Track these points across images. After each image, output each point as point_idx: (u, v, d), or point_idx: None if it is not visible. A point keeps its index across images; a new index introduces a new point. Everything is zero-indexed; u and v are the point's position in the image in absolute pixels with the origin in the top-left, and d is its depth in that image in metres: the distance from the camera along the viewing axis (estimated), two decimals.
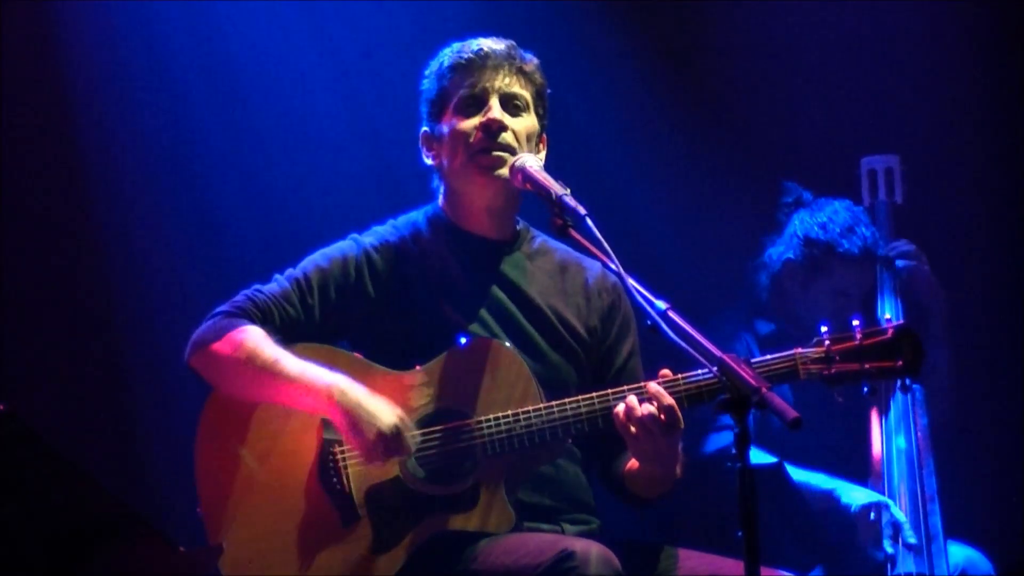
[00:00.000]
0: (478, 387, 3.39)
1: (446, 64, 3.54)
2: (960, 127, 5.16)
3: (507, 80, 3.51)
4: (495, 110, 3.48)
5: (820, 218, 4.71)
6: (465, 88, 3.50)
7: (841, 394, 3.32)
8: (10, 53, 4.55)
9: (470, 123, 3.49)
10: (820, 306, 4.69)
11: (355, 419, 3.30)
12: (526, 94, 3.53)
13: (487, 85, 3.50)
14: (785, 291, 4.77)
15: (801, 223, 4.73)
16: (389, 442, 3.29)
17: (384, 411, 3.31)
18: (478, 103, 3.50)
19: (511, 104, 3.51)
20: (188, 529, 3.48)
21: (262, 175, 4.83)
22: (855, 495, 4.47)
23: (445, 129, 3.53)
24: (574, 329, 3.55)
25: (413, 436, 3.33)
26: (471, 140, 3.48)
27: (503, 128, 3.47)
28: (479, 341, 3.44)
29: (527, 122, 3.52)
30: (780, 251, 4.78)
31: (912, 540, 4.39)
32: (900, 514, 4.43)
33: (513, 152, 3.46)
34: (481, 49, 3.52)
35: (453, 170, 3.53)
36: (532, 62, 3.56)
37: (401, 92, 3.69)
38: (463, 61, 3.51)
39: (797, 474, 4.52)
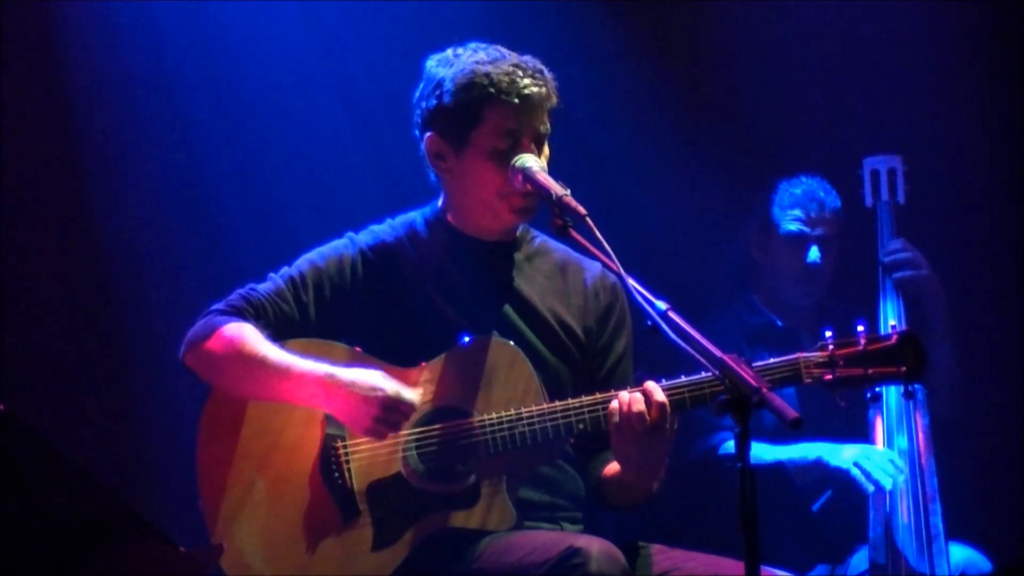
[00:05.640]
0: (480, 385, 3.39)
1: (484, 94, 3.39)
2: (962, 127, 5.16)
3: (541, 120, 3.43)
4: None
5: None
6: (505, 129, 3.38)
7: (844, 399, 3.32)
8: (10, 53, 4.55)
9: (506, 165, 3.38)
10: (781, 260, 4.78)
11: (352, 398, 3.29)
12: (550, 126, 3.47)
13: (526, 128, 3.40)
14: (755, 264, 4.87)
15: None
16: (392, 410, 3.28)
17: (379, 380, 3.29)
18: (514, 142, 3.40)
19: (540, 141, 3.44)
20: (188, 529, 3.47)
21: (261, 174, 4.82)
22: (842, 456, 4.48)
23: (472, 161, 3.43)
24: (572, 330, 3.54)
25: (413, 398, 3.30)
26: (507, 183, 3.39)
27: None
28: (482, 339, 3.43)
29: (546, 152, 3.47)
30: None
31: (902, 475, 4.40)
32: (887, 454, 4.44)
33: None
34: (526, 93, 3.38)
35: (479, 201, 3.47)
36: (554, 87, 3.47)
37: (400, 92, 3.67)
38: (506, 101, 3.38)
39: (780, 452, 4.51)
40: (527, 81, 3.41)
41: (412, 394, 3.31)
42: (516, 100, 3.39)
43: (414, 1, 4.83)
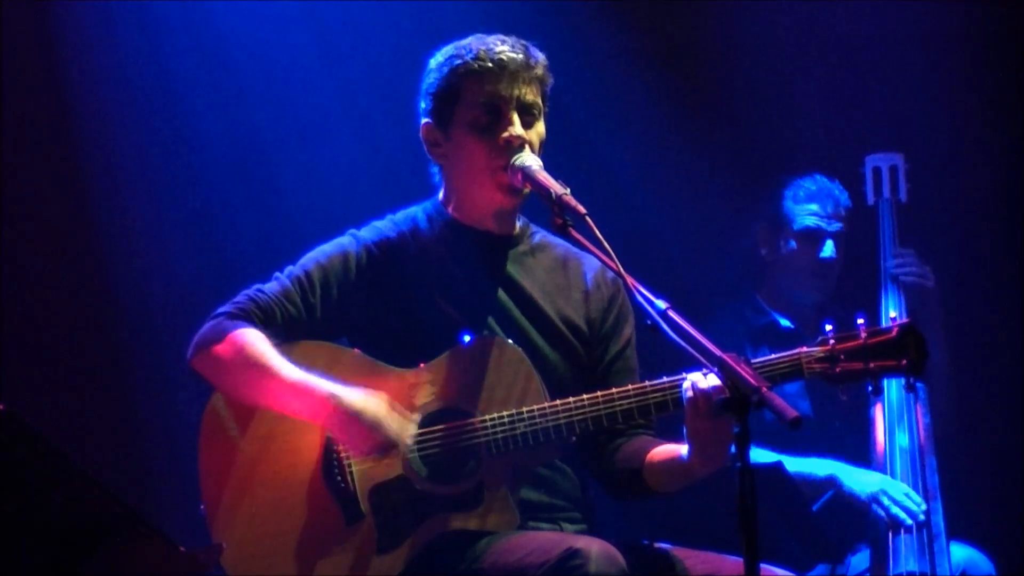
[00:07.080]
0: (482, 385, 3.39)
1: (460, 66, 3.44)
2: (964, 125, 5.16)
3: (523, 90, 3.44)
4: (516, 126, 3.42)
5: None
6: (483, 98, 3.42)
7: (846, 392, 3.32)
8: (10, 53, 4.55)
9: (488, 137, 3.42)
10: (794, 255, 4.78)
11: (354, 429, 3.30)
12: (539, 101, 3.48)
13: (505, 95, 3.42)
14: (762, 262, 4.86)
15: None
16: (387, 451, 3.32)
17: (382, 416, 3.31)
18: (495, 113, 3.43)
19: (526, 113, 3.45)
20: (188, 529, 3.47)
21: (261, 174, 4.83)
22: (857, 481, 4.46)
23: (458, 138, 3.46)
24: (574, 324, 3.54)
25: (411, 449, 3.33)
26: (491, 156, 3.43)
27: (523, 144, 3.42)
28: (483, 339, 3.43)
29: (540, 129, 3.47)
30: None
31: (920, 508, 4.38)
32: (902, 488, 4.42)
33: None
34: (500, 58, 3.42)
35: (467, 179, 3.49)
36: (543, 64, 3.49)
37: (400, 91, 3.67)
38: (480, 68, 3.42)
39: (794, 464, 4.51)
40: (503, 48, 3.45)
41: (408, 437, 3.33)
42: (490, 65, 3.42)
43: (414, 1, 4.84)
